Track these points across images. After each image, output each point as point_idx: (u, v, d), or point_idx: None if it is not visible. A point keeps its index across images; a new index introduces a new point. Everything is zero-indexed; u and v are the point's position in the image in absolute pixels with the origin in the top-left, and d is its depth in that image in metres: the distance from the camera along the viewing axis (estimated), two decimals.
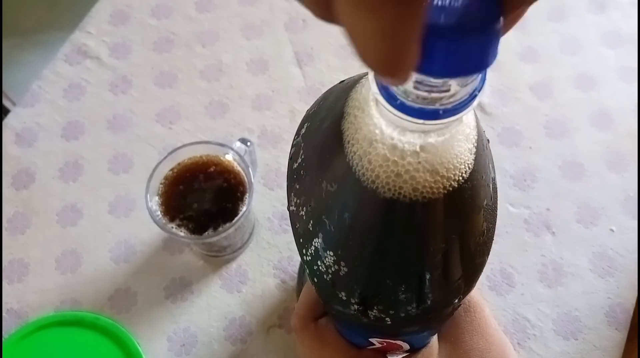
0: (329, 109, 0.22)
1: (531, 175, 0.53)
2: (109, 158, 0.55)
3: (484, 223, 0.22)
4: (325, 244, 0.22)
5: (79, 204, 0.53)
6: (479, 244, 0.22)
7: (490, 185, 0.22)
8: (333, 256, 0.22)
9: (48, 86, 0.59)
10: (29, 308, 0.49)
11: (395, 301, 0.22)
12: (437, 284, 0.22)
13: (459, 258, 0.22)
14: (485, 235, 0.22)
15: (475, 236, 0.22)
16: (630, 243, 0.50)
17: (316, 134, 0.23)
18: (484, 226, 0.22)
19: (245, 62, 0.60)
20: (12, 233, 0.52)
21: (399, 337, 0.27)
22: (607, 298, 0.48)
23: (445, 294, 0.23)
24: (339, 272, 0.22)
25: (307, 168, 0.23)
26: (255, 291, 0.49)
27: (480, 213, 0.22)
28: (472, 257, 0.22)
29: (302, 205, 0.23)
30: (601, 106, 0.57)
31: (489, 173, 0.22)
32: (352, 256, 0.22)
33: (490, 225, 0.23)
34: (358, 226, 0.21)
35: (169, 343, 0.47)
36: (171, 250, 0.51)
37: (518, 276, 0.49)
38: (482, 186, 0.21)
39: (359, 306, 0.23)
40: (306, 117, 0.25)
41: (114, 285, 0.49)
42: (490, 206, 0.22)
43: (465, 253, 0.22)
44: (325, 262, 0.22)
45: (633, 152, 0.54)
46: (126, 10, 0.64)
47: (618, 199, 0.52)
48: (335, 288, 0.23)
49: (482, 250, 0.23)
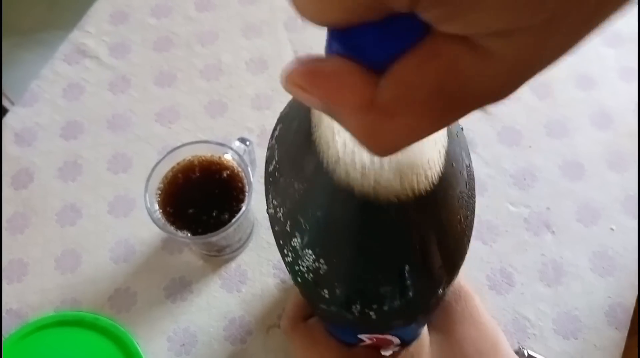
0: (298, 109, 0.22)
1: (531, 174, 0.53)
2: (108, 157, 0.55)
3: (460, 211, 0.22)
4: (302, 244, 0.22)
5: (79, 204, 0.53)
6: (457, 232, 0.22)
7: (464, 172, 0.22)
8: (312, 255, 0.22)
9: (47, 86, 0.59)
10: (29, 308, 0.49)
11: (377, 296, 0.22)
12: (416, 276, 0.22)
13: (437, 248, 0.22)
14: (462, 222, 0.22)
15: (454, 225, 0.22)
16: (630, 242, 0.50)
17: (288, 135, 0.23)
18: (461, 214, 0.22)
19: (245, 61, 0.60)
20: (11, 233, 0.52)
21: (387, 331, 0.27)
22: (607, 297, 0.48)
23: (427, 285, 0.23)
24: (319, 271, 0.22)
25: (281, 169, 0.23)
26: (255, 291, 0.49)
27: (455, 201, 0.21)
28: (450, 246, 0.22)
29: (279, 206, 0.23)
30: (601, 105, 0.57)
31: (461, 160, 0.22)
32: (330, 255, 0.22)
33: (467, 212, 0.23)
34: (332, 225, 0.21)
35: (168, 343, 0.47)
36: (171, 250, 0.51)
37: (518, 275, 0.49)
38: (455, 175, 0.21)
39: (342, 304, 0.23)
40: (279, 119, 0.25)
41: (114, 285, 0.49)
42: (465, 193, 0.22)
43: (443, 243, 0.22)
44: (304, 262, 0.23)
45: (633, 151, 0.54)
46: (126, 10, 0.64)
47: (618, 199, 0.52)
48: (317, 287, 0.23)
49: (461, 237, 0.23)
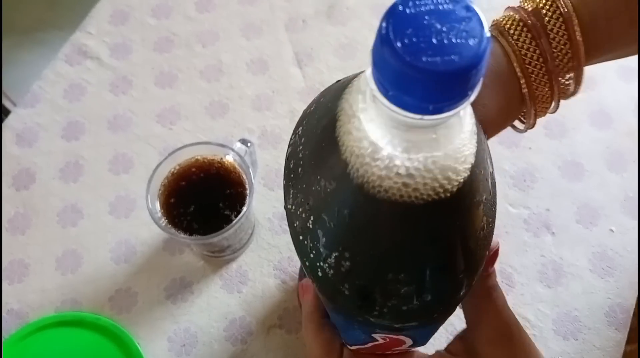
0: (325, 108, 0.22)
1: (531, 175, 0.53)
2: (109, 158, 0.55)
3: (483, 218, 0.22)
4: (326, 241, 0.22)
5: (80, 204, 0.53)
6: (479, 238, 0.22)
7: (489, 179, 0.22)
8: (335, 252, 0.22)
9: (48, 86, 0.59)
10: (29, 308, 0.49)
11: (398, 296, 0.22)
12: (439, 278, 0.22)
13: (461, 253, 0.22)
14: (485, 229, 0.23)
15: (476, 230, 0.22)
16: (630, 243, 0.50)
17: (313, 133, 0.23)
18: (484, 221, 0.22)
19: (245, 62, 0.60)
20: (12, 233, 0.52)
21: (403, 332, 0.27)
22: (607, 298, 0.48)
23: (448, 288, 0.23)
24: (341, 268, 0.22)
25: (304, 166, 0.23)
26: (256, 292, 0.49)
27: (480, 208, 0.22)
28: (473, 252, 0.22)
29: (301, 203, 0.23)
30: (601, 105, 0.57)
31: (487, 167, 0.22)
32: (354, 253, 0.22)
33: (489, 219, 0.23)
34: (357, 225, 0.21)
35: (169, 344, 0.47)
36: (171, 251, 0.51)
37: (518, 276, 0.49)
38: (481, 181, 0.21)
39: (362, 302, 0.23)
40: (303, 115, 0.25)
41: (115, 285, 0.49)
42: (489, 200, 0.23)
43: (467, 248, 0.22)
44: (328, 258, 0.23)
45: (633, 151, 0.54)
46: (126, 10, 0.64)
47: (618, 199, 0.52)
48: (338, 283, 0.23)
49: (483, 244, 0.23)
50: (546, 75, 0.29)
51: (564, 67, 0.29)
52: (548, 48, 0.28)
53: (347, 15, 0.62)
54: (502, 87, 0.29)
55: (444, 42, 0.15)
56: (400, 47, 0.15)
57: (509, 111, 0.30)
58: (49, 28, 1.39)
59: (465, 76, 0.15)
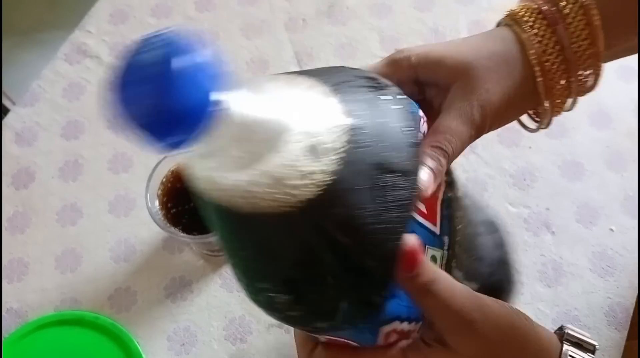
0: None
1: (531, 175, 0.53)
2: (108, 157, 0.55)
3: (359, 211, 0.22)
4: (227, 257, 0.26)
5: (79, 203, 0.53)
6: (359, 235, 0.22)
7: (370, 187, 0.22)
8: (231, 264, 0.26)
9: (48, 86, 0.59)
10: (29, 307, 0.49)
11: (277, 305, 0.24)
12: (303, 289, 0.23)
13: (331, 254, 0.22)
14: (369, 223, 0.22)
15: (349, 238, 0.22)
16: (629, 242, 0.50)
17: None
18: (363, 228, 0.22)
19: (245, 62, 0.60)
20: (12, 233, 0.52)
21: (329, 333, 0.27)
22: (607, 297, 0.48)
23: (318, 299, 0.23)
24: (237, 279, 0.26)
25: None
26: None
27: (346, 205, 0.22)
28: (345, 259, 0.22)
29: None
30: (600, 105, 0.57)
31: (371, 172, 0.22)
32: (235, 265, 0.25)
33: (370, 225, 0.22)
34: (221, 235, 0.24)
35: (168, 343, 0.47)
36: (171, 249, 0.51)
37: (517, 275, 0.49)
38: (350, 191, 0.21)
39: (264, 310, 0.26)
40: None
41: (114, 284, 0.49)
42: (369, 207, 0.22)
43: (337, 248, 0.22)
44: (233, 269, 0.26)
45: (632, 151, 0.54)
46: (126, 10, 0.64)
47: (617, 199, 0.52)
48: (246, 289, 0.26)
49: (371, 240, 0.22)
50: (563, 64, 0.28)
51: (583, 54, 0.28)
52: (565, 35, 0.28)
53: (347, 15, 0.62)
54: (509, 74, 0.28)
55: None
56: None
57: (514, 100, 0.29)
58: (49, 28, 1.39)
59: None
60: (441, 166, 0.27)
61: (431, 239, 0.27)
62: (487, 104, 0.28)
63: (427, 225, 0.27)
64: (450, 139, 0.27)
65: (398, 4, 0.62)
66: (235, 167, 0.21)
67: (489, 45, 0.29)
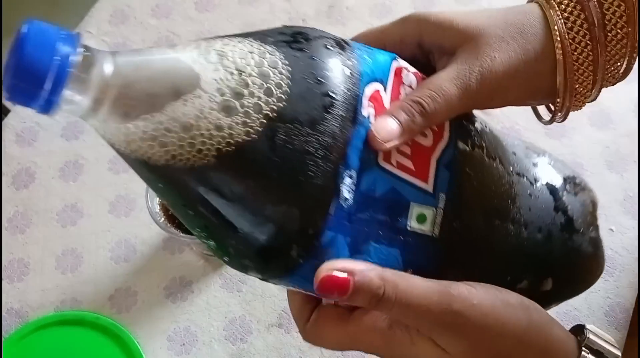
0: None
1: None
2: (109, 157, 0.55)
3: (267, 177, 0.22)
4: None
5: (79, 203, 0.53)
6: (278, 183, 0.22)
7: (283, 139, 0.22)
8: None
9: None
10: (29, 307, 0.49)
11: (220, 252, 0.25)
12: (228, 236, 0.23)
13: (244, 201, 0.22)
14: (291, 174, 0.22)
15: (263, 180, 0.22)
16: (629, 242, 0.50)
17: None
18: (282, 166, 0.22)
19: None
20: (12, 233, 0.52)
21: (292, 284, 0.27)
22: (607, 297, 0.48)
23: (247, 245, 0.23)
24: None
25: None
26: (256, 291, 0.49)
27: (265, 168, 0.22)
28: (267, 197, 0.22)
29: None
30: (600, 105, 0.57)
31: (282, 124, 0.22)
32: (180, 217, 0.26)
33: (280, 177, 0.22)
34: (153, 189, 0.25)
35: (169, 343, 0.47)
36: (171, 250, 0.51)
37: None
38: (263, 143, 0.22)
39: (220, 258, 0.26)
40: None
41: (114, 285, 0.49)
42: (277, 160, 0.22)
43: (254, 195, 0.22)
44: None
45: (632, 152, 0.54)
46: (126, 10, 0.64)
47: (617, 199, 0.52)
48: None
49: (289, 185, 0.22)
50: (590, 44, 0.26)
51: (617, 34, 0.26)
52: (596, 12, 0.26)
53: (347, 15, 0.62)
54: (522, 47, 0.26)
55: None
56: None
57: (522, 75, 0.27)
58: None
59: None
60: (414, 123, 0.24)
61: (417, 195, 0.25)
62: (489, 73, 0.26)
63: (411, 180, 0.25)
64: (435, 97, 0.25)
65: (398, 4, 0.62)
66: (137, 116, 0.22)
67: (508, 16, 0.27)
